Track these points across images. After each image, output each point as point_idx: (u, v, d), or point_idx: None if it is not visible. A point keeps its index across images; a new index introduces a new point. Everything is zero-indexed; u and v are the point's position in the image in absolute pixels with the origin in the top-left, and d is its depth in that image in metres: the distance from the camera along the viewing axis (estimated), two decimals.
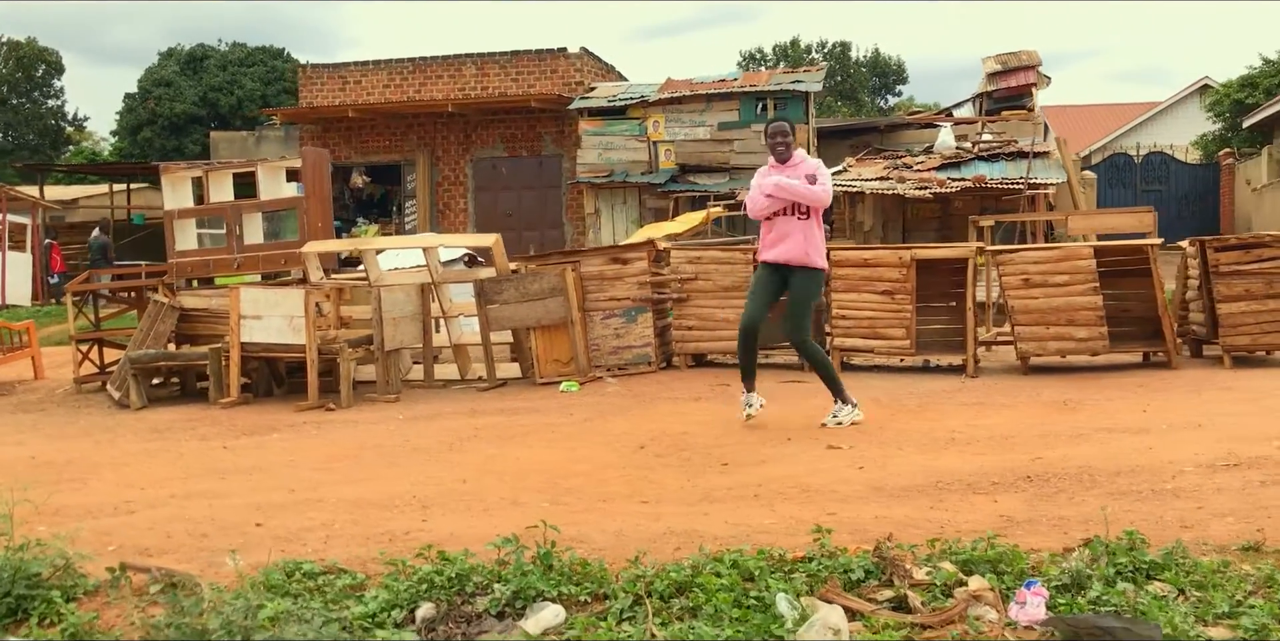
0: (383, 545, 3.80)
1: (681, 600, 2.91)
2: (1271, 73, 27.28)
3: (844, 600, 2.83)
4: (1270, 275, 7.44)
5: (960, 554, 3.02)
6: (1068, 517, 3.59)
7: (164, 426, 7.66)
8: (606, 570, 3.15)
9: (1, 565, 3.27)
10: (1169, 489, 3.89)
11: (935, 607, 2.80)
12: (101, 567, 3.48)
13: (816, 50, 56.06)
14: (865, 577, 2.98)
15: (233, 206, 9.33)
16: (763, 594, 2.86)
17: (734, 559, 3.09)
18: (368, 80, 22.14)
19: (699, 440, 5.63)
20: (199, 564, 3.70)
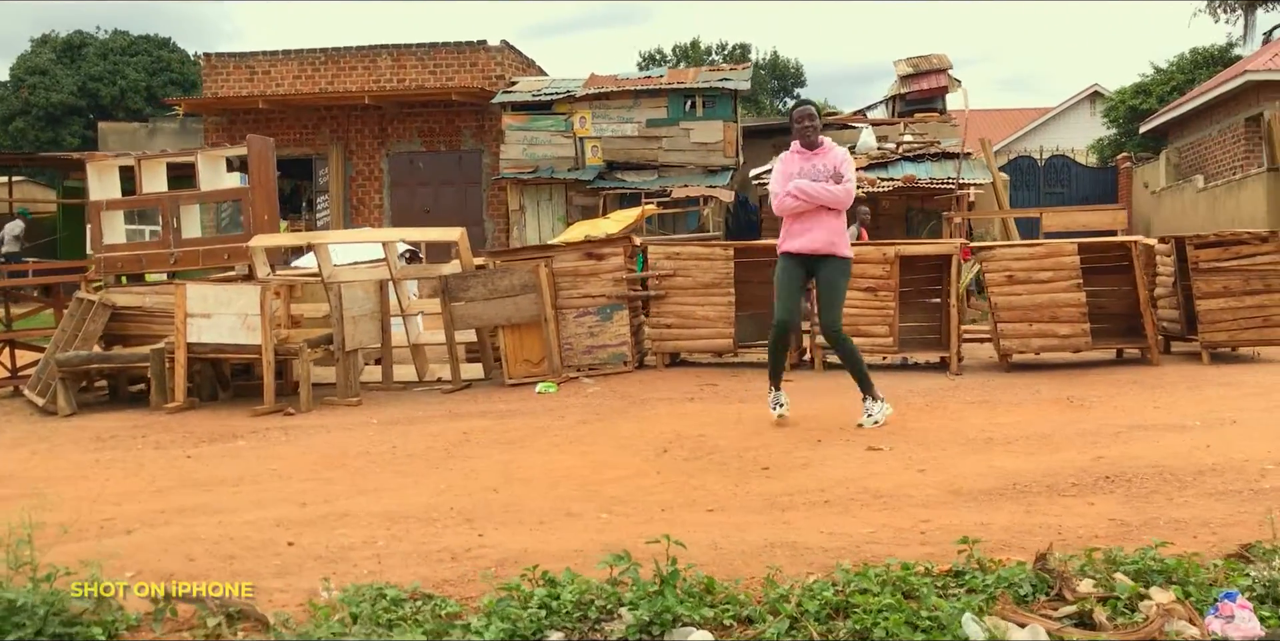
0: (445, 564, 3.43)
1: (843, 622, 2.63)
2: (1163, 81, 28.35)
3: (1023, 617, 2.59)
4: (1248, 272, 7.53)
5: (1126, 563, 2.81)
6: (1184, 520, 3.43)
7: (107, 434, 7.04)
8: (736, 589, 2.85)
9: (31, 600, 2.79)
10: (1268, 488, 3.77)
11: (1123, 623, 2.58)
12: (137, 598, 3.03)
13: (716, 52, 56.30)
14: (1032, 592, 2.75)
15: (170, 197, 8.66)
16: (934, 613, 2.59)
17: (884, 574, 2.82)
18: (277, 70, 21.28)
19: (722, 443, 5.35)
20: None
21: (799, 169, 5.81)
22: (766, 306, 8.26)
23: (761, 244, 8.49)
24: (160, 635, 2.94)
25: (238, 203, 8.80)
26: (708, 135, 18.19)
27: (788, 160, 5.83)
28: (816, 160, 5.80)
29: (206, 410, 7.85)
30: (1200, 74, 27.17)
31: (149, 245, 8.95)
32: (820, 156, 5.82)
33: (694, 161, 18.23)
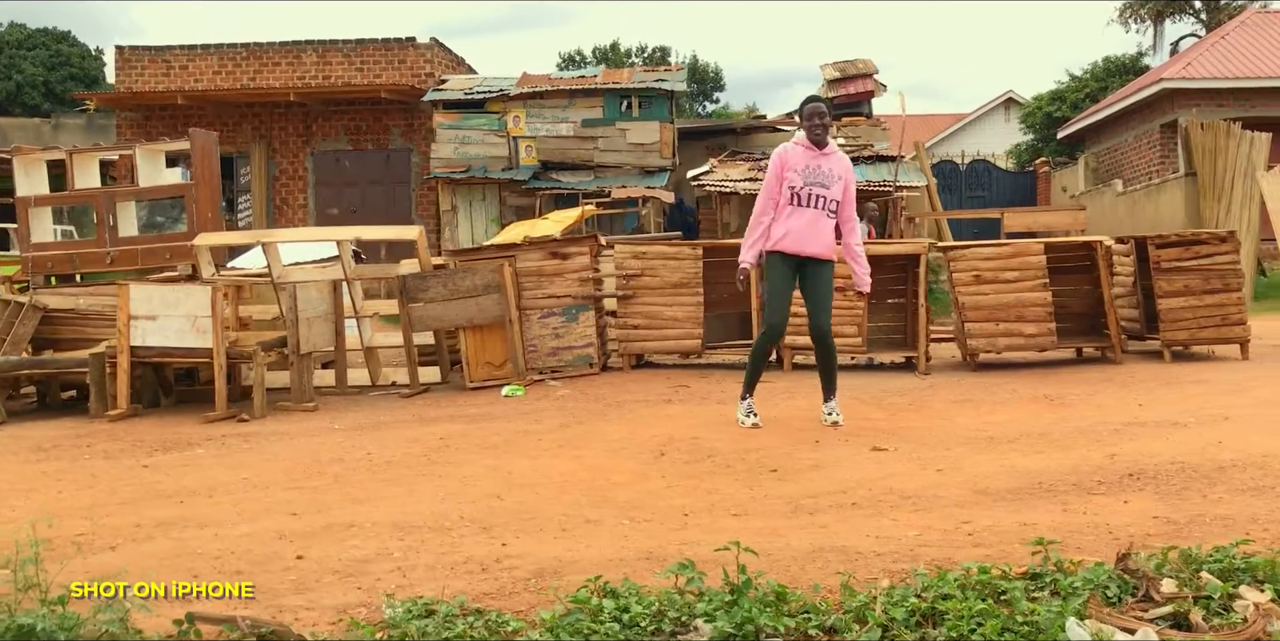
0: (477, 575, 3.22)
1: (934, 630, 2.51)
2: (1077, 88, 29.17)
3: (1125, 621, 2.50)
4: (1208, 271, 7.67)
5: (1208, 562, 2.75)
6: (1230, 517, 3.40)
7: (48, 444, 6.63)
8: (811, 597, 2.71)
9: (48, 625, 2.52)
10: None
11: (1220, 624, 2.50)
12: (153, 619, 2.77)
13: (636, 54, 56.32)
14: (1121, 589, 2.66)
15: (106, 194, 8.21)
16: (1030, 618, 2.48)
17: (963, 579, 2.71)
18: (195, 65, 20.58)
19: (718, 445, 5.22)
20: (258, 608, 3.02)
21: (804, 165, 5.66)
22: (734, 306, 8.20)
23: (730, 243, 8.37)
24: None
25: (180, 199, 8.38)
26: (644, 136, 18.07)
27: (792, 154, 5.67)
28: (824, 162, 5.67)
29: (151, 417, 7.46)
30: (1113, 81, 28.01)
31: (83, 244, 8.46)
32: (829, 159, 5.70)
33: (630, 162, 18.09)
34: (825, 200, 5.61)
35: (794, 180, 5.62)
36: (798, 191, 5.60)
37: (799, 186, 5.61)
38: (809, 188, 5.61)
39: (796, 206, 5.57)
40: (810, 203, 5.55)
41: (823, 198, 5.60)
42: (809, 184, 5.60)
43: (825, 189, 5.62)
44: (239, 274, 8.46)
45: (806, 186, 5.60)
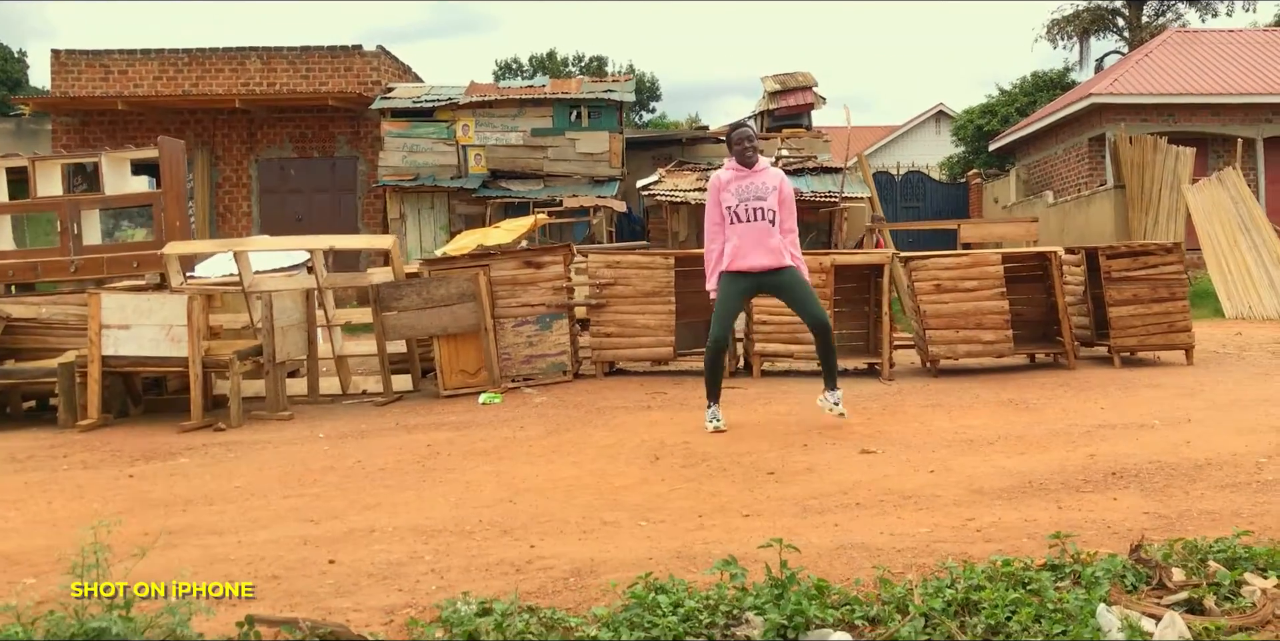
0: (513, 576, 3.33)
1: (972, 619, 2.69)
2: (1007, 102, 29.98)
3: (1144, 607, 2.70)
4: (1155, 281, 8.04)
5: (1213, 552, 2.97)
6: (1215, 511, 3.64)
7: (21, 454, 6.55)
8: (853, 590, 2.88)
9: (121, 629, 2.58)
10: (1271, 480, 4.05)
11: (1232, 609, 2.72)
12: (214, 621, 2.84)
13: (574, 63, 56.45)
14: (1135, 578, 2.87)
15: (70, 201, 8.12)
16: (1060, 606, 2.68)
17: (991, 571, 2.90)
18: (135, 70, 20.25)
19: (710, 449, 5.37)
20: (304, 611, 3.10)
21: (737, 186, 5.96)
22: (705, 314, 8.35)
23: (701, 253, 8.55)
24: None
25: (148, 207, 8.31)
26: (593, 146, 18.24)
27: (721, 180, 6.01)
28: (755, 178, 5.96)
29: (123, 427, 7.39)
30: (1041, 96, 28.85)
31: (45, 252, 8.34)
32: (760, 174, 6.00)
33: (580, 171, 18.24)
34: (763, 211, 5.87)
35: (729, 200, 5.92)
36: (734, 209, 5.90)
37: (734, 204, 5.92)
38: (744, 204, 5.90)
39: (737, 224, 5.86)
40: (749, 217, 5.83)
41: (760, 209, 5.87)
42: (743, 200, 5.90)
43: (761, 201, 5.90)
44: (204, 282, 8.41)
45: (742, 203, 5.89)
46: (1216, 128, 20.12)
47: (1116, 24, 31.59)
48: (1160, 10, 31.51)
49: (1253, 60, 21.64)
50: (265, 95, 19.46)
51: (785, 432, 5.79)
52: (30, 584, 3.63)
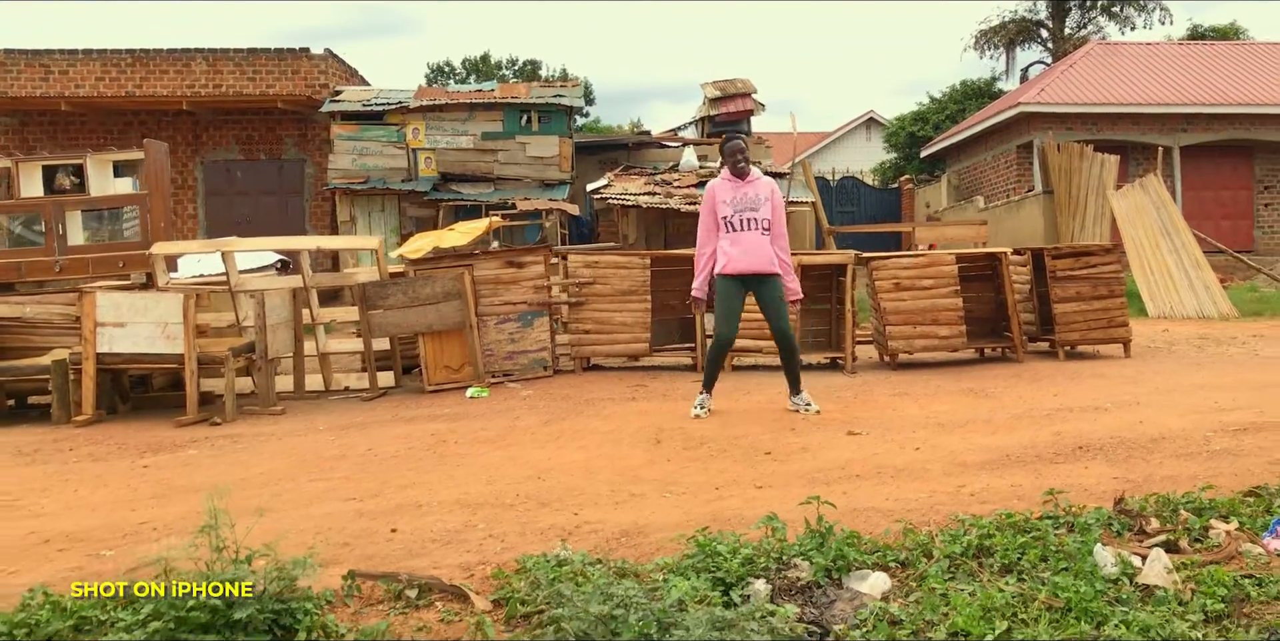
0: (567, 539, 3.69)
1: (988, 560, 3.13)
2: (938, 109, 30.98)
3: (1133, 547, 3.17)
4: (1096, 280, 8.66)
5: (1183, 504, 3.46)
6: (1175, 476, 4.15)
7: (28, 448, 6.72)
8: (882, 539, 3.31)
9: (258, 579, 2.90)
10: (1219, 449, 4.59)
11: (1203, 548, 3.21)
12: (321, 577, 3.16)
13: (507, 67, 56.55)
14: (1120, 526, 3.34)
15: (54, 203, 8.25)
16: (1062, 548, 3.14)
17: (996, 522, 3.35)
18: (76, 71, 20.02)
19: (706, 434, 5.78)
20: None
21: (732, 196, 6.40)
22: (677, 312, 8.80)
23: (675, 253, 8.98)
24: (356, 609, 3.10)
25: (134, 209, 8.46)
26: (544, 150, 18.57)
27: (720, 188, 6.42)
28: (748, 189, 6.41)
29: (117, 423, 7.57)
30: (970, 104, 29.88)
31: (28, 252, 8.45)
32: (751, 185, 6.44)
33: (530, 175, 18.55)
34: (757, 221, 6.33)
35: (725, 210, 6.37)
36: (730, 220, 6.34)
37: (730, 215, 6.36)
38: (739, 214, 6.34)
39: (731, 232, 6.29)
40: (744, 226, 6.28)
41: (754, 219, 6.33)
42: (739, 211, 6.34)
43: (755, 211, 6.35)
44: (190, 282, 8.59)
45: (737, 213, 6.34)
46: (1136, 136, 21.15)
47: (1040, 35, 32.82)
48: (1082, 23, 32.83)
49: (1169, 73, 22.77)
50: (212, 97, 19.44)
51: (771, 419, 6.22)
52: (110, 555, 3.91)
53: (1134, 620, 2.72)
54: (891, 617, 2.81)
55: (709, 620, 2.56)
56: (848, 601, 2.92)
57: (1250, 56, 24.17)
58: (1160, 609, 2.80)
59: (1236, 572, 3.01)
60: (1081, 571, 2.98)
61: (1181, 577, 2.97)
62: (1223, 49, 25.46)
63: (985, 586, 2.96)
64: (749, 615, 2.63)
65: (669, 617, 2.59)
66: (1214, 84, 22.07)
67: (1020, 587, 2.92)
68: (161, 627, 2.83)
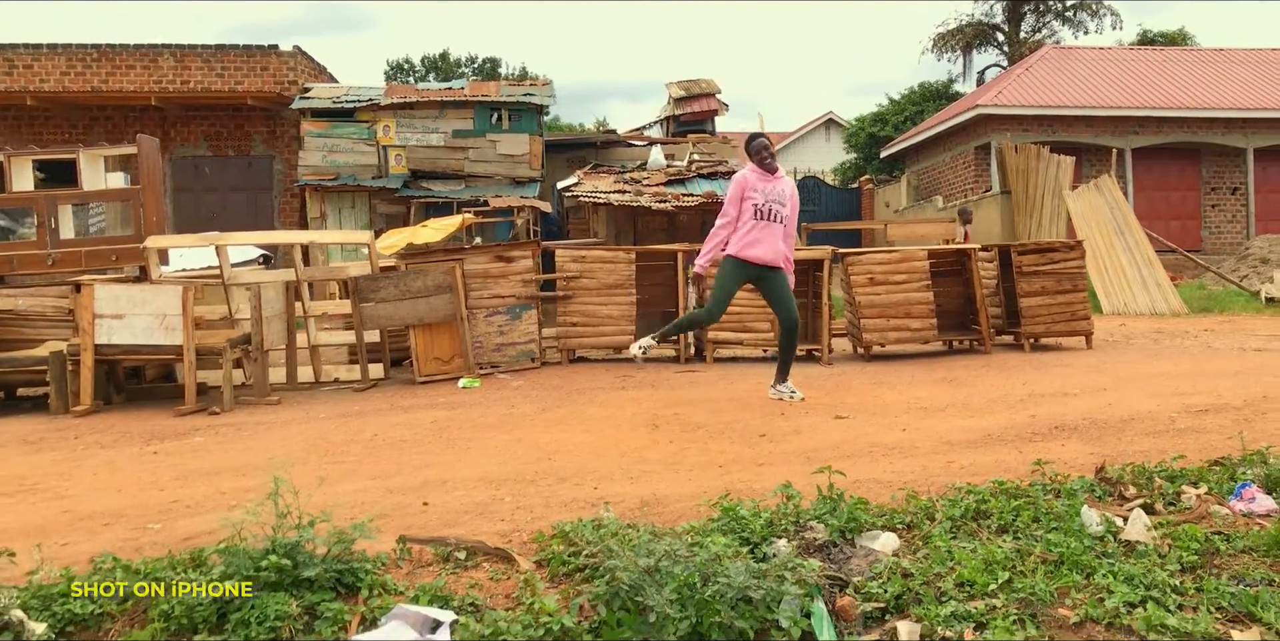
0: (589, 509, 3.95)
1: (985, 521, 3.45)
2: (897, 111, 31.56)
3: (1114, 510, 3.51)
4: (1060, 275, 9.07)
5: (1157, 472, 3.81)
6: (1146, 451, 4.50)
7: (32, 436, 6.86)
8: (888, 504, 3.62)
9: (304, 541, 3.15)
10: (1183, 428, 4.96)
11: (1176, 510, 3.55)
12: (375, 542, 3.41)
13: (466, 65, 56.49)
14: (1102, 492, 3.68)
15: (46, 197, 8.36)
16: (1051, 510, 3.46)
17: (992, 488, 3.67)
18: (41, 65, 19.91)
19: (700, 419, 6.07)
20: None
21: (762, 188, 6.65)
22: (661, 306, 9.09)
23: (660, 249, 9.27)
24: (409, 570, 3.35)
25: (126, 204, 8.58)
26: (514, 148, 18.78)
27: (750, 179, 6.65)
28: (777, 184, 6.71)
29: (114, 413, 7.70)
30: (928, 105, 30.49)
31: (20, 245, 8.55)
32: (779, 182, 6.74)
33: (501, 173, 18.76)
34: (781, 215, 6.60)
35: (757, 198, 6.62)
36: (760, 207, 6.59)
37: (761, 203, 6.62)
38: (769, 204, 6.61)
39: (759, 220, 6.55)
40: (771, 217, 6.54)
41: (779, 213, 6.60)
42: (769, 201, 6.61)
43: (781, 206, 6.65)
44: (180, 275, 8.73)
45: (768, 203, 6.61)
46: (1090, 138, 21.78)
47: (996, 39, 33.53)
48: (1037, 27, 33.59)
49: (1121, 77, 23.45)
50: (180, 93, 19.42)
51: (759, 406, 6.52)
52: (157, 528, 4.12)
53: (1119, 570, 3.05)
54: (904, 570, 3.12)
55: (746, 570, 2.85)
56: (862, 557, 3.22)
57: (1197, 62, 24.95)
58: (1142, 561, 3.13)
59: (1207, 530, 3.36)
60: (1071, 530, 3.31)
61: (1159, 534, 3.31)
62: (1171, 54, 26.25)
63: (985, 544, 3.28)
64: (780, 566, 2.92)
65: (709, 569, 2.87)
66: (1163, 88, 22.77)
67: (1017, 544, 3.25)
68: (235, 585, 3.06)
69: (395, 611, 2.93)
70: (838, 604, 2.95)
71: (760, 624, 2.83)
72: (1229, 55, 25.42)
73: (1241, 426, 4.88)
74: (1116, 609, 2.89)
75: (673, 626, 2.74)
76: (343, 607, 3.02)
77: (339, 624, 2.96)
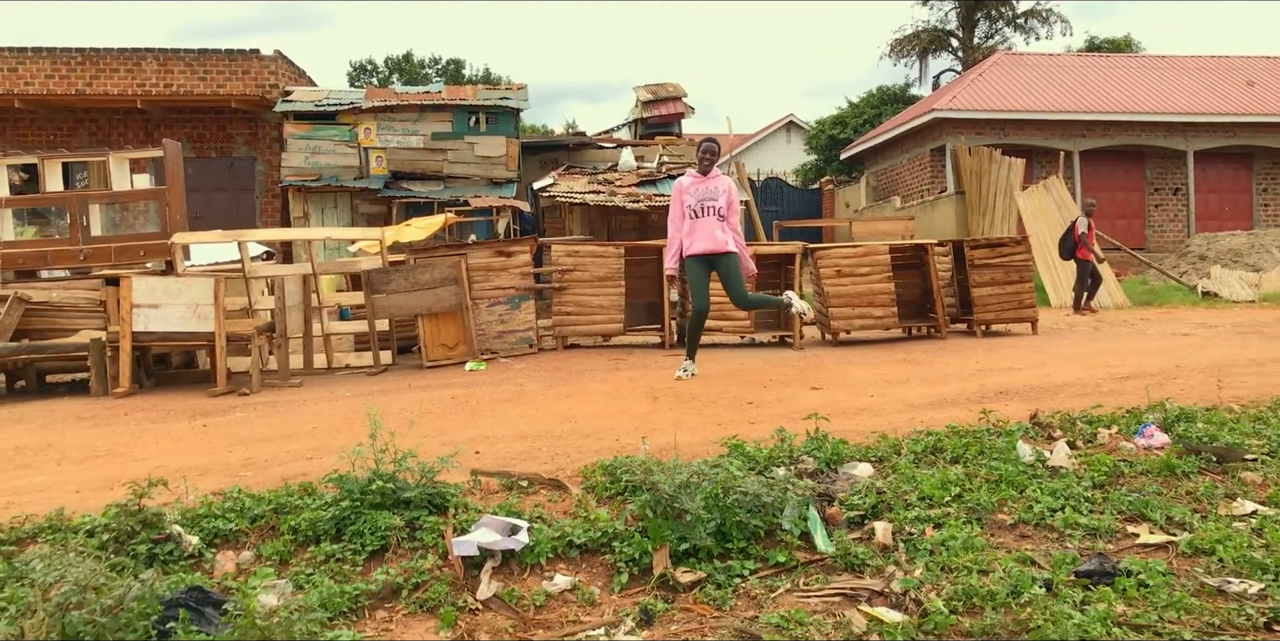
0: (613, 455, 4.76)
1: (940, 455, 4.31)
2: (856, 113, 32.61)
3: (1041, 445, 4.38)
4: (1008, 267, 10.01)
5: (1080, 418, 4.69)
6: (1074, 407, 5.39)
7: (85, 414, 7.54)
8: (863, 443, 4.47)
9: (411, 469, 3.94)
10: (1107, 391, 5.86)
11: (1092, 446, 4.44)
12: (451, 475, 4.20)
13: (429, 66, 56.95)
14: (1035, 434, 4.56)
15: (78, 196, 9.04)
16: (993, 445, 4.33)
17: (946, 431, 4.54)
18: (25, 68, 20.36)
19: (693, 391, 6.89)
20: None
21: (695, 189, 7.58)
22: (647, 296, 9.92)
23: (646, 244, 10.10)
24: (481, 496, 4.15)
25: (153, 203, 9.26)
26: (491, 149, 19.53)
27: (684, 184, 7.64)
28: (710, 183, 7.61)
29: (150, 395, 8.38)
30: (886, 109, 31.56)
31: (53, 242, 9.21)
32: (713, 181, 7.64)
33: (479, 174, 19.50)
34: (714, 209, 7.52)
35: (689, 200, 7.56)
36: (692, 207, 7.53)
37: (693, 204, 7.55)
38: (701, 203, 7.54)
39: (694, 219, 7.47)
40: (703, 212, 7.45)
41: (712, 208, 7.51)
42: (700, 200, 7.53)
43: (714, 201, 7.55)
44: (208, 269, 9.43)
45: (699, 202, 7.53)
46: (1040, 141, 22.90)
47: (951, 44, 34.73)
48: (989, 33, 34.83)
49: (1069, 82, 24.61)
50: (164, 96, 19.95)
51: (743, 381, 7.37)
52: (248, 475, 4.88)
53: (1045, 486, 3.92)
54: (878, 489, 3.97)
55: (759, 483, 3.68)
56: (844, 481, 4.07)
57: (1142, 68, 26.19)
58: (1063, 480, 4.00)
59: (1115, 459, 4.24)
60: (1008, 459, 4.18)
61: (1078, 462, 4.20)
62: (1117, 61, 27.49)
63: (941, 470, 4.13)
64: (783, 481, 3.76)
65: (729, 483, 3.70)
66: (1109, 93, 23.94)
67: (966, 470, 4.11)
68: (349, 506, 3.84)
69: (482, 520, 3.73)
70: (827, 512, 3.79)
71: (769, 525, 3.66)
72: (1171, 62, 26.69)
73: (1153, 388, 5.80)
74: (1042, 513, 3.75)
75: (703, 526, 3.56)
76: (438, 520, 3.81)
77: (436, 533, 3.75)
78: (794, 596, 3.32)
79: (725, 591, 3.36)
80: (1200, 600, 3.15)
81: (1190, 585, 3.27)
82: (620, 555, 3.57)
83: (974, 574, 3.28)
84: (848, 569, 3.47)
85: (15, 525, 3.90)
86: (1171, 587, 3.23)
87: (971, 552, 3.43)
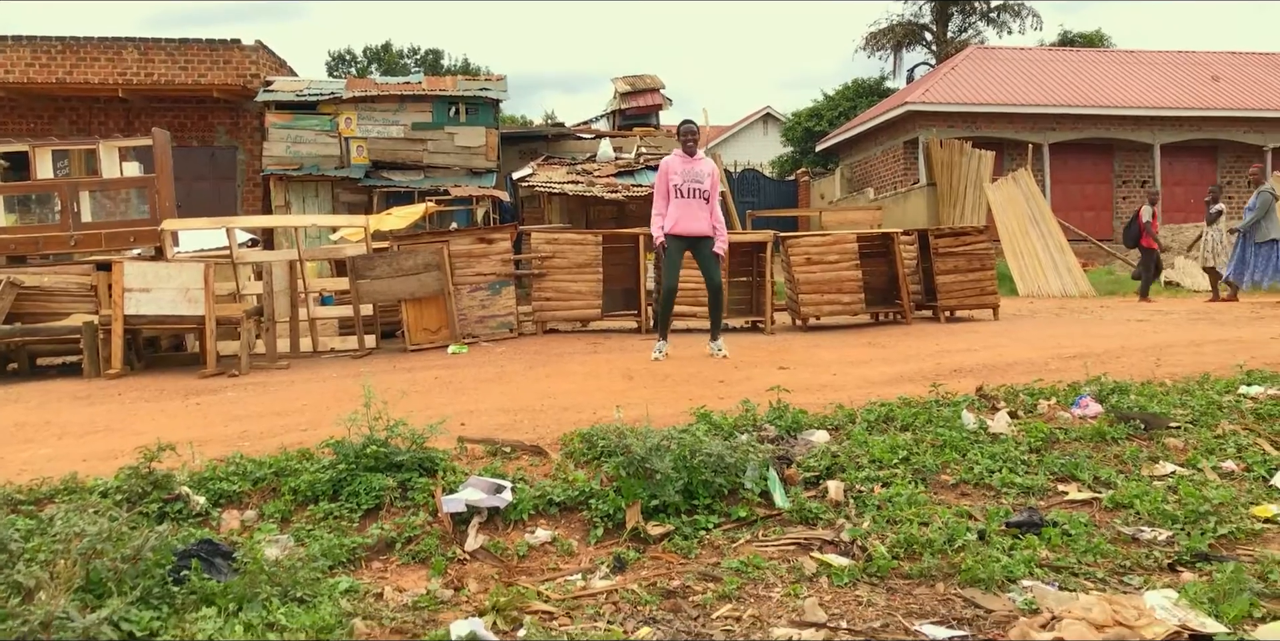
0: (592, 425, 5.10)
1: (891, 423, 4.67)
2: (831, 106, 33.00)
3: (985, 415, 4.75)
4: (970, 255, 10.41)
5: (1023, 391, 5.06)
6: (1021, 382, 5.77)
7: (81, 394, 7.79)
8: (822, 413, 4.83)
9: (403, 436, 4.26)
10: (1054, 369, 6.24)
11: (1032, 415, 4.81)
12: (439, 442, 4.53)
13: (409, 56, 56.92)
14: (980, 405, 4.93)
15: (69, 183, 9.27)
16: (940, 414, 4.69)
17: (898, 402, 4.90)
18: (5, 56, 20.45)
19: (668, 371, 7.23)
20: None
21: (682, 169, 7.86)
22: (623, 283, 10.25)
23: (623, 232, 10.42)
24: (468, 461, 4.48)
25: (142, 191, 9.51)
26: (471, 140, 19.79)
27: (673, 162, 7.86)
28: (695, 165, 7.90)
29: (141, 377, 8.64)
30: (861, 101, 31.96)
31: (45, 227, 9.45)
32: (698, 163, 7.93)
33: (458, 163, 19.76)
34: (699, 191, 7.82)
35: (676, 180, 7.83)
36: (679, 187, 7.81)
37: (680, 183, 7.83)
38: (687, 184, 7.82)
39: (679, 199, 7.76)
40: (690, 194, 7.74)
41: (697, 190, 7.81)
42: (686, 181, 7.82)
43: (699, 183, 7.84)
44: (195, 255, 9.69)
45: (685, 183, 7.81)
46: (1011, 134, 23.35)
47: (925, 38, 35.17)
48: (963, 26, 35.30)
49: (1040, 76, 25.07)
50: (145, 85, 20.08)
51: (715, 363, 7.71)
52: (248, 445, 5.18)
53: (985, 450, 4.29)
54: (833, 453, 4.32)
55: (723, 445, 4.03)
56: (803, 445, 4.42)
57: (1111, 63, 26.69)
58: (1002, 445, 4.38)
59: (1052, 426, 4.61)
60: (954, 426, 4.54)
61: (1017, 429, 4.57)
62: (1087, 56, 27.98)
63: (891, 436, 4.50)
64: (746, 444, 4.11)
65: (695, 445, 4.04)
66: (1079, 87, 24.41)
67: (914, 436, 4.47)
68: (345, 468, 4.17)
69: (469, 480, 4.06)
70: (785, 473, 4.14)
71: (732, 484, 4.01)
72: (1139, 57, 27.20)
73: (1096, 366, 6.18)
74: (981, 473, 4.12)
75: (671, 484, 3.90)
76: (428, 481, 4.14)
77: (427, 492, 4.08)
78: (753, 546, 3.67)
79: (691, 542, 3.71)
80: (1116, 546, 3.52)
81: (1108, 534, 3.64)
82: (596, 511, 3.91)
83: (915, 525, 3.64)
84: (802, 522, 3.83)
85: (34, 486, 4.19)
86: (1091, 536, 3.60)
87: (915, 507, 3.79)
